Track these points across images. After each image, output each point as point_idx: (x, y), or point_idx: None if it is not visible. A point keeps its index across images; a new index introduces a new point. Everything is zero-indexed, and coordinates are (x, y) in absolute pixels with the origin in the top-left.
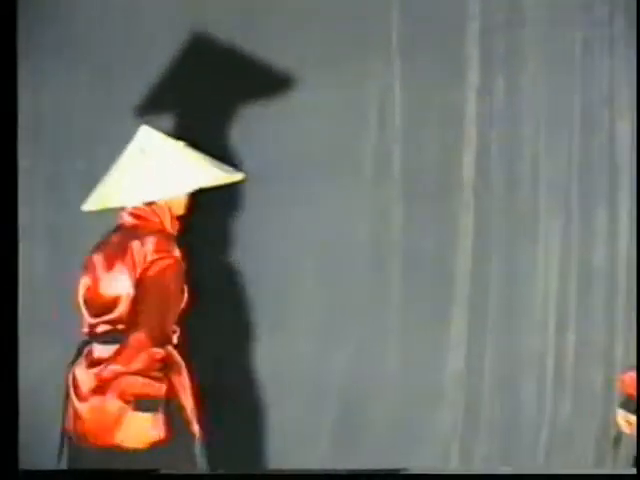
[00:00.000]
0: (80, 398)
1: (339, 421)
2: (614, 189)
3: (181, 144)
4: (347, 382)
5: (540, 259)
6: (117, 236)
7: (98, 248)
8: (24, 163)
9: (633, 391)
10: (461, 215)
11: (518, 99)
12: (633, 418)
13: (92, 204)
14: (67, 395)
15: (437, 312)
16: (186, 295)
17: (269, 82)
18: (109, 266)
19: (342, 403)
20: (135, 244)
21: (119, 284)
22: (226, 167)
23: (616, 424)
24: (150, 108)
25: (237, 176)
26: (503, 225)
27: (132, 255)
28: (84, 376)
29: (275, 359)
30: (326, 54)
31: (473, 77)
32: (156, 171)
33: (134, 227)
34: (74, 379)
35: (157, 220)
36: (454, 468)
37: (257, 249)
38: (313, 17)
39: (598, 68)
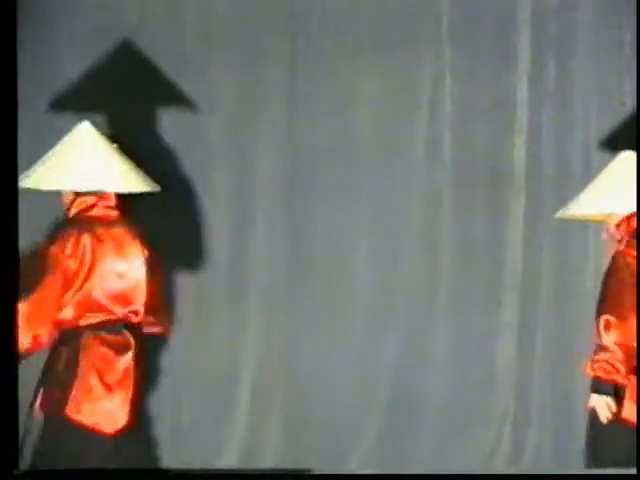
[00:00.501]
0: None
1: (390, 405)
2: None
3: (114, 146)
4: (398, 365)
5: (591, 244)
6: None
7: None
8: None
9: (601, 374)
10: (512, 200)
11: (569, 84)
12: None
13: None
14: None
15: (488, 296)
16: None
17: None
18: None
19: (393, 387)
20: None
21: None
22: (144, 178)
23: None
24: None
25: (151, 188)
26: (554, 210)
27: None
28: None
29: (326, 342)
30: (379, 42)
31: (524, 63)
32: (80, 164)
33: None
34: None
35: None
36: (505, 453)
37: (310, 233)
38: (367, 6)
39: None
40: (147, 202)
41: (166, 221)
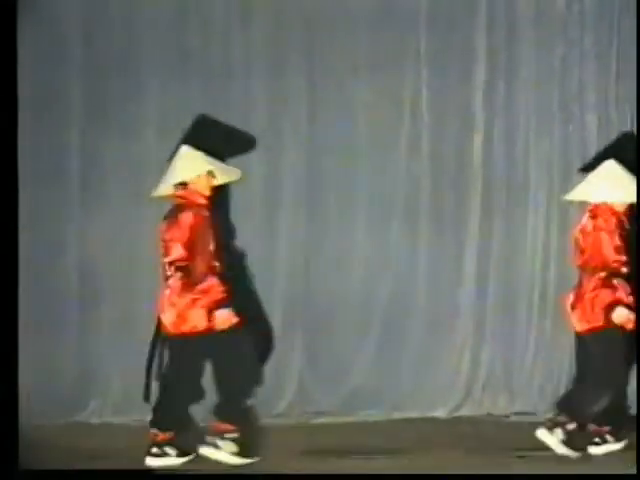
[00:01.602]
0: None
1: (383, 331)
2: (583, 158)
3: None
4: (389, 299)
5: (530, 218)
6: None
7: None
8: None
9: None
10: (471, 183)
11: (514, 96)
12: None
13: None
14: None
15: (454, 254)
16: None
17: None
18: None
19: (385, 316)
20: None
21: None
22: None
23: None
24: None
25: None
26: (503, 192)
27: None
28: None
29: (330, 289)
30: (374, 63)
31: (479, 80)
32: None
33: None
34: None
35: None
36: (466, 367)
37: (320, 202)
38: (361, 35)
39: (570, 74)
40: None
41: None
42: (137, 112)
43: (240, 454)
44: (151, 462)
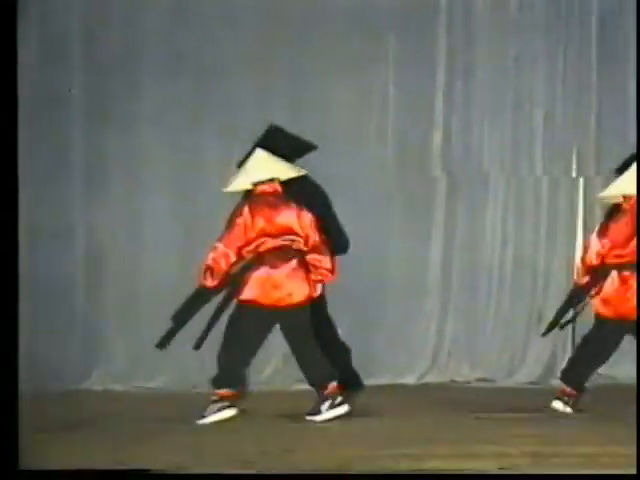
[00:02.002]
0: None
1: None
2: (532, 156)
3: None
4: (362, 286)
5: (490, 203)
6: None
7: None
8: None
9: None
10: (434, 169)
11: (471, 94)
12: None
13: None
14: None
15: (422, 233)
16: None
17: None
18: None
19: (358, 300)
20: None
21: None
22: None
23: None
24: None
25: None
26: (463, 178)
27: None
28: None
29: None
30: (349, 63)
31: (440, 79)
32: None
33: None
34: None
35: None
36: (432, 340)
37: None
38: (337, 37)
39: (522, 73)
40: None
41: None
42: (135, 109)
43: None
44: (210, 418)
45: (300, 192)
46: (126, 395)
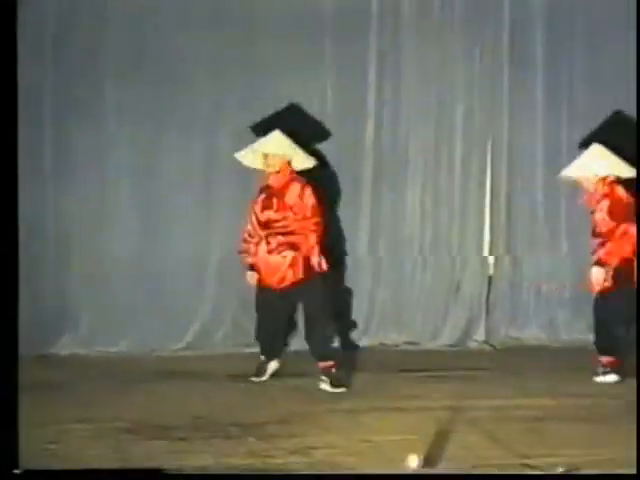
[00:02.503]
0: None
1: None
2: (451, 146)
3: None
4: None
5: (409, 189)
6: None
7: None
8: None
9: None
10: (365, 160)
11: (399, 92)
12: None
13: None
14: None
15: (353, 218)
16: None
17: None
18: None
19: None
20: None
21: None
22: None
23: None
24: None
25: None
26: (390, 167)
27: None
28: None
29: None
30: (292, 65)
31: (371, 78)
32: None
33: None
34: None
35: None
36: (364, 309)
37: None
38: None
39: (444, 73)
40: None
41: None
42: (100, 105)
43: None
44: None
45: None
46: (90, 359)
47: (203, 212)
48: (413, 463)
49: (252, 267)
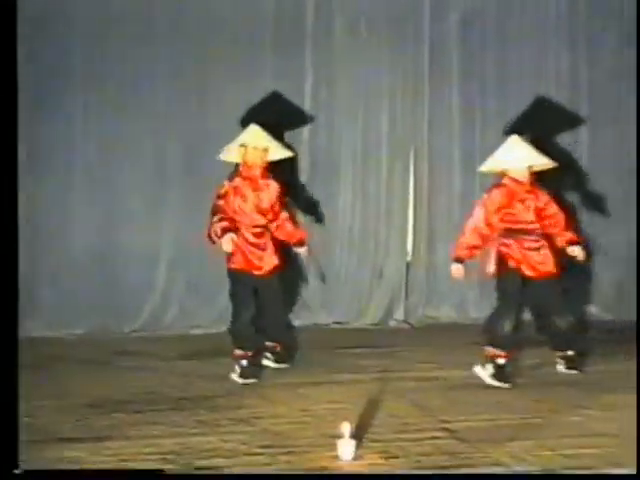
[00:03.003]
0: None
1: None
2: (378, 150)
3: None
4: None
5: (341, 187)
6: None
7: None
8: None
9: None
10: (302, 160)
11: (333, 99)
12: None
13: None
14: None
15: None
16: None
17: None
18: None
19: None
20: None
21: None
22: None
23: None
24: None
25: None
26: (323, 167)
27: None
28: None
29: None
30: (236, 73)
31: (308, 87)
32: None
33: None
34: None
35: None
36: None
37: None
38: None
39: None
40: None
41: None
42: (69, 103)
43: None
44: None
45: None
46: (55, 340)
47: (155, 208)
48: (345, 430)
49: (229, 230)
